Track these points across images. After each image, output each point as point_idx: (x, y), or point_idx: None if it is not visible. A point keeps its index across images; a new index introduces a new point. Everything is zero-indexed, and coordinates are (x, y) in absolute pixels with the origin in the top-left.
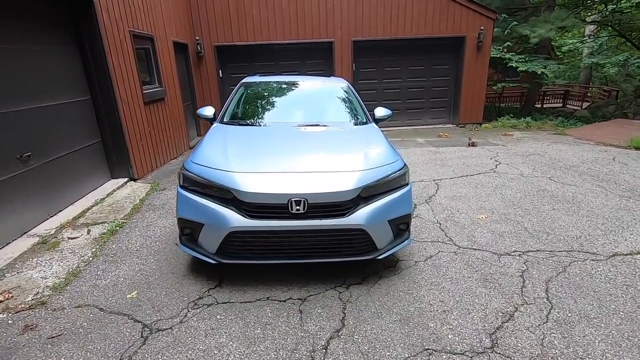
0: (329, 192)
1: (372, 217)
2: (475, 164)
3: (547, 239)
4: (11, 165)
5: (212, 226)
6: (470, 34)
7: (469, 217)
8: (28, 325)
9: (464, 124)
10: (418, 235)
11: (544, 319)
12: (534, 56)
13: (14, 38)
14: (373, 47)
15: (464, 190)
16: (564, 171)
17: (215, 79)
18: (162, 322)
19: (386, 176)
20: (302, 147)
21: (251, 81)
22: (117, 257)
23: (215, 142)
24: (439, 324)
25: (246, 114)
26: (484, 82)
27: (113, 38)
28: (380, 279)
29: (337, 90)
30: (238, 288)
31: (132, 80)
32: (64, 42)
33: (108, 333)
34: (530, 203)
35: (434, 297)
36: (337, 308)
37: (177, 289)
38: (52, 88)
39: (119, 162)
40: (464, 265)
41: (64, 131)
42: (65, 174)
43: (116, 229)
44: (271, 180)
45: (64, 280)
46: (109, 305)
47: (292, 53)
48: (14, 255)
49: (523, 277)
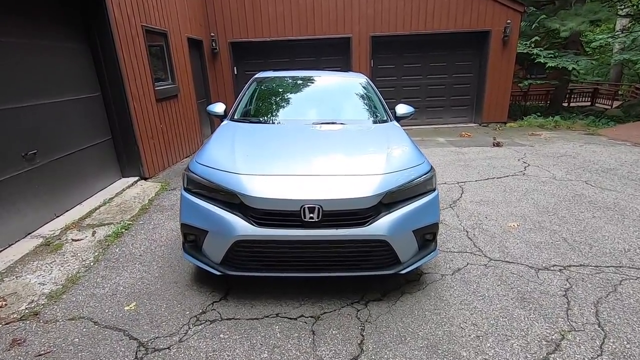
0: (346, 199)
1: (395, 226)
2: (502, 165)
3: (591, 251)
4: (16, 164)
5: (217, 234)
6: (496, 28)
7: (498, 225)
8: (16, 340)
9: (487, 123)
10: (443, 244)
11: (597, 350)
12: (564, 52)
13: (21, 32)
14: (392, 42)
15: (491, 194)
16: (601, 174)
17: (230, 76)
18: (160, 341)
19: (411, 181)
20: (317, 147)
21: (264, 76)
22: (119, 263)
23: (223, 141)
24: (472, 353)
25: (258, 111)
26: (509, 79)
27: (125, 33)
28: (403, 295)
29: (356, 86)
30: (245, 302)
31: (144, 77)
32: (74, 37)
33: (100, 352)
34: (567, 210)
35: (465, 319)
36: (355, 329)
37: (179, 301)
38: (60, 84)
39: (129, 160)
40: (497, 281)
41: (72, 128)
42: (74, 173)
43: (122, 231)
44: (282, 184)
45: (61, 287)
46: (104, 319)
47: (308, 49)
48: (15, 258)
49: (567, 296)
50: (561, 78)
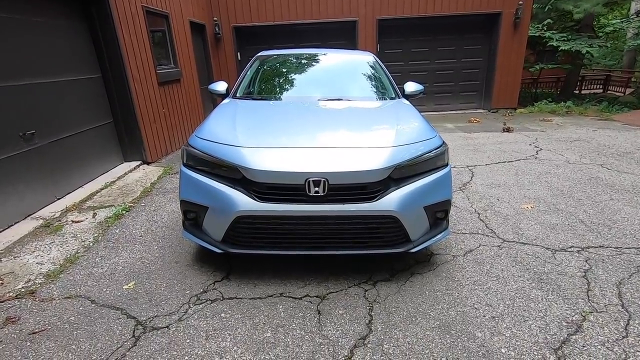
0: (354, 172)
1: (405, 202)
2: (513, 149)
3: (610, 233)
4: (13, 143)
5: (218, 210)
6: (507, 10)
7: (511, 207)
8: (10, 318)
9: (497, 109)
10: (454, 226)
11: (622, 332)
12: (577, 35)
13: (16, 7)
14: (399, 26)
15: (503, 177)
16: (618, 158)
17: (233, 61)
18: (159, 320)
19: (422, 154)
20: (323, 122)
21: (268, 54)
22: (118, 243)
23: (224, 117)
24: (488, 333)
25: (261, 89)
26: (520, 64)
27: (124, 13)
28: (413, 276)
29: (362, 64)
30: (248, 281)
31: (146, 59)
32: (72, 15)
33: (96, 330)
34: (583, 192)
35: (479, 299)
36: (363, 309)
37: (179, 281)
38: (58, 63)
39: (131, 144)
40: (511, 262)
41: (72, 110)
42: (74, 155)
43: (122, 212)
44: (285, 156)
45: (59, 267)
46: (102, 297)
47: (313, 33)
48: (14, 239)
49: (587, 277)
50: (574, 62)
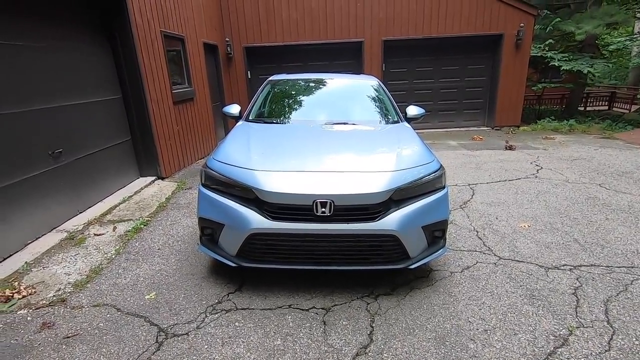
0: (357, 194)
1: (404, 222)
2: (514, 168)
3: (602, 252)
4: (43, 161)
5: (233, 227)
6: (509, 31)
7: (509, 225)
8: (46, 323)
9: (500, 127)
10: (453, 243)
11: (605, 345)
12: (579, 55)
13: (48, 37)
14: (404, 46)
15: (503, 196)
16: (616, 178)
17: (244, 79)
18: (179, 327)
19: (420, 178)
20: (329, 146)
21: (278, 79)
22: (139, 256)
23: (238, 140)
24: (480, 345)
25: (272, 112)
26: (522, 83)
27: (145, 38)
28: (412, 290)
29: (367, 88)
30: (259, 293)
31: (163, 80)
32: (97, 42)
33: (123, 336)
34: (579, 212)
35: (473, 313)
36: (365, 321)
37: (196, 292)
38: (84, 86)
39: (147, 160)
40: (506, 279)
41: (95, 129)
42: (95, 171)
43: (141, 226)
44: (295, 179)
45: (85, 277)
46: (126, 306)
47: (320, 53)
48: (42, 250)
49: (576, 294)
50: (576, 82)
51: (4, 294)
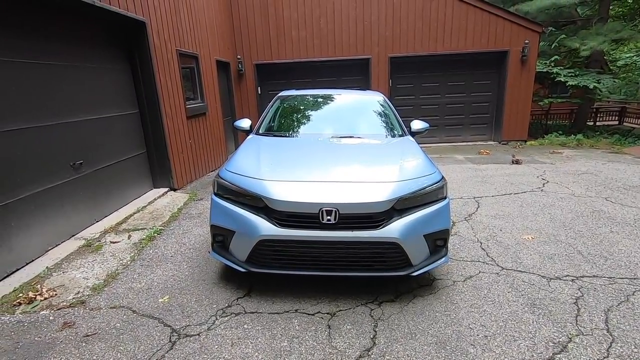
0: (361, 203)
1: (406, 230)
2: (520, 182)
3: (605, 264)
4: (65, 172)
5: (243, 234)
6: (514, 48)
7: (513, 237)
8: (67, 323)
9: (507, 141)
10: (456, 254)
11: (604, 352)
12: (585, 70)
13: (72, 56)
14: (410, 63)
15: (508, 209)
16: (623, 192)
17: (254, 95)
18: (191, 328)
19: (423, 188)
20: (335, 157)
21: (287, 94)
22: (152, 262)
23: (249, 152)
24: (480, 350)
25: (281, 126)
26: (529, 98)
27: (162, 57)
28: (415, 298)
29: (373, 103)
30: (267, 298)
31: (177, 96)
32: (117, 60)
33: (139, 335)
34: (584, 224)
35: (475, 320)
36: (368, 325)
37: (207, 296)
38: (105, 102)
39: (161, 172)
40: (508, 288)
41: (113, 142)
42: (112, 182)
43: (154, 235)
44: (302, 189)
45: (103, 281)
46: (141, 308)
47: (329, 70)
48: (62, 256)
49: (577, 304)
50: (584, 97)
51: (27, 296)
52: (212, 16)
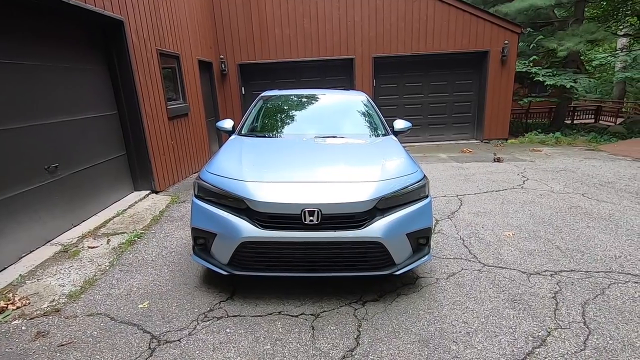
0: (343, 203)
1: (389, 229)
2: (502, 179)
3: (582, 258)
4: (39, 175)
5: (225, 236)
6: (494, 48)
7: (494, 234)
8: (40, 332)
9: (489, 140)
10: (440, 251)
11: (581, 345)
12: (562, 70)
13: (47, 55)
14: (394, 63)
15: (489, 206)
16: (599, 188)
17: (237, 95)
18: (171, 334)
19: (405, 187)
20: (318, 158)
21: (270, 94)
22: (132, 267)
23: (231, 153)
24: (462, 346)
25: (264, 126)
26: (509, 97)
27: (141, 57)
28: (399, 297)
29: (356, 103)
30: (250, 301)
31: (158, 97)
32: (95, 60)
33: (117, 343)
34: (562, 220)
35: (457, 317)
36: (352, 325)
37: (188, 300)
38: (81, 103)
39: (142, 175)
40: (489, 284)
41: (90, 144)
42: (90, 185)
43: (134, 239)
44: (284, 189)
45: (79, 288)
46: (120, 315)
47: (313, 70)
48: (36, 263)
49: (556, 298)
50: (562, 96)
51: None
52: (193, 15)
